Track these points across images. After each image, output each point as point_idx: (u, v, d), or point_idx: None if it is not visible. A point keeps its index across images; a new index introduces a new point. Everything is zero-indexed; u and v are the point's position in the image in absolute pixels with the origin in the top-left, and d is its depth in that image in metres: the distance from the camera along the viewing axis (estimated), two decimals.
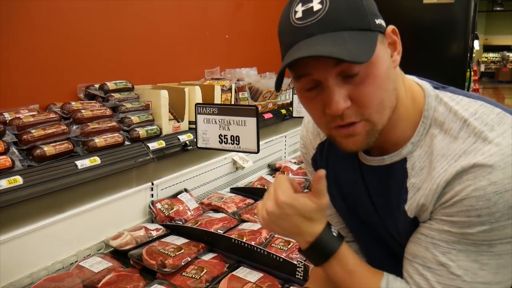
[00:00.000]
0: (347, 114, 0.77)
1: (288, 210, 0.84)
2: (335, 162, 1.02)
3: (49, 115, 1.55)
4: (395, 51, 0.82)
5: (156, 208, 1.91)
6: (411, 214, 0.85)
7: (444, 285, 0.78)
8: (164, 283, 1.42)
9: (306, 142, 1.11)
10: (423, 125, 0.84)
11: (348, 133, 0.79)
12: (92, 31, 1.89)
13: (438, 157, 0.80)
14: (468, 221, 0.74)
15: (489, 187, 0.72)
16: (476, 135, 0.76)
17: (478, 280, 0.75)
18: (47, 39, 1.70)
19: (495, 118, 0.77)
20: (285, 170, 2.64)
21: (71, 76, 1.82)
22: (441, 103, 0.84)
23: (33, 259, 1.47)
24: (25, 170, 1.37)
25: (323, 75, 0.75)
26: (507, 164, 0.71)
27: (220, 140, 1.71)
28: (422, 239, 0.82)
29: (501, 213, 0.72)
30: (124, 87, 1.93)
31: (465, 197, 0.74)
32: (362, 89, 0.75)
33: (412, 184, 0.84)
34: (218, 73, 2.65)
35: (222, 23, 2.82)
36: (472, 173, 0.73)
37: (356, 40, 0.72)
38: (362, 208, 0.98)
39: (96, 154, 1.58)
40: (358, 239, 1.07)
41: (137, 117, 1.83)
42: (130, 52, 2.10)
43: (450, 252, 0.77)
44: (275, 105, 2.83)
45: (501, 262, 0.75)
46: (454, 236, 0.77)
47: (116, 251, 1.64)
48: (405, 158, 0.86)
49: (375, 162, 0.90)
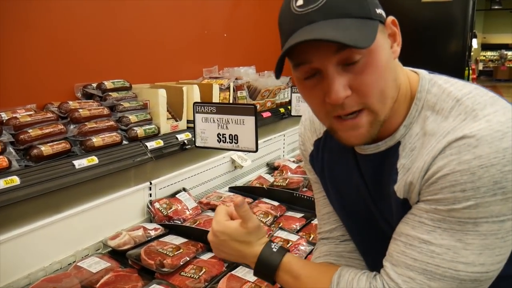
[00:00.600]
0: (348, 103, 0.76)
1: (222, 237, 0.97)
2: (331, 157, 1.02)
3: (46, 115, 1.54)
4: (395, 42, 0.82)
5: (155, 207, 1.90)
6: (400, 194, 0.83)
7: (422, 262, 0.76)
8: (162, 283, 1.41)
9: (304, 139, 1.11)
10: (415, 107, 0.83)
11: (351, 126, 0.79)
12: (89, 30, 1.88)
13: (429, 137, 0.79)
14: (453, 197, 0.72)
15: (474, 161, 0.70)
16: (467, 113, 0.75)
17: (459, 259, 0.73)
18: (44, 38, 1.69)
19: (488, 99, 0.76)
20: (283, 169, 2.64)
21: (69, 75, 1.81)
22: (434, 85, 0.84)
23: (31, 260, 1.47)
24: (22, 170, 1.36)
25: (323, 62, 0.75)
26: (495, 139, 0.69)
27: (218, 139, 1.71)
28: (410, 218, 0.80)
29: (486, 188, 0.69)
30: (121, 86, 1.92)
31: (449, 172, 0.72)
32: (363, 78, 0.75)
33: (402, 165, 0.83)
34: (216, 72, 2.64)
35: (220, 22, 2.81)
36: (457, 148, 0.72)
37: (358, 27, 0.72)
38: (360, 200, 0.97)
39: (94, 154, 1.57)
40: (355, 236, 1.06)
41: (135, 116, 1.82)
42: (127, 51, 2.09)
43: (435, 231, 0.75)
44: (274, 103, 2.82)
45: (487, 242, 0.72)
46: (440, 214, 0.75)
47: (114, 251, 1.63)
48: (399, 142, 0.85)
49: (371, 150, 0.89)
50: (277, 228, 1.84)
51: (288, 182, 2.35)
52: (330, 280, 0.87)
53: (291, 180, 2.38)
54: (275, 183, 2.39)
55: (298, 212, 2.05)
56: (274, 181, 2.42)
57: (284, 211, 2.07)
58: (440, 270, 0.74)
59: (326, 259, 1.07)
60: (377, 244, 0.94)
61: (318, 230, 1.17)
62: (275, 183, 2.38)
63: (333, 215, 1.10)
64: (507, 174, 0.69)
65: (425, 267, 0.75)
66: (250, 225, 0.96)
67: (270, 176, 2.58)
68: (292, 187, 2.30)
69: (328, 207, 1.10)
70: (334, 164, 1.01)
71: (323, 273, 0.91)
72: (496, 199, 0.70)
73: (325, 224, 1.13)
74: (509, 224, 0.73)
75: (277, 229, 1.82)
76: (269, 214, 1.97)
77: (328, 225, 1.12)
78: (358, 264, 1.05)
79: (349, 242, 1.08)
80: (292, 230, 1.84)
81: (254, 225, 0.96)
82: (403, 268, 0.78)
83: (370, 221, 0.98)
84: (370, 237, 1.01)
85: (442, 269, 0.74)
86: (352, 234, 1.07)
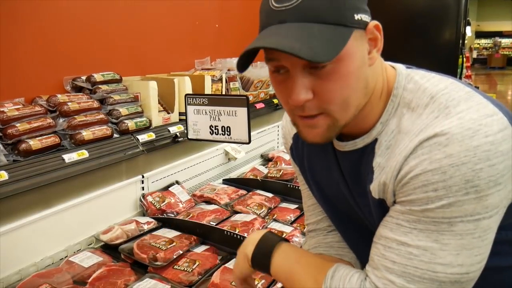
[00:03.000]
0: (308, 106, 0.75)
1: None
2: (310, 151, 1.01)
3: (34, 108, 1.51)
4: (375, 48, 0.79)
5: (147, 201, 1.88)
6: (375, 194, 0.83)
7: (400, 264, 0.75)
8: (155, 276, 1.40)
9: (285, 132, 1.11)
10: (391, 104, 0.82)
11: (309, 124, 0.78)
12: (78, 22, 1.84)
13: (403, 135, 0.78)
14: (426, 197, 0.71)
15: (445, 159, 0.68)
16: (440, 110, 0.74)
17: (437, 261, 0.72)
18: (32, 30, 1.66)
19: (463, 95, 0.75)
20: (277, 160, 2.62)
21: (57, 68, 1.78)
22: (411, 81, 0.82)
23: (22, 255, 1.45)
24: (10, 165, 1.34)
25: (290, 63, 0.74)
26: (465, 137, 0.68)
27: (211, 131, 1.69)
28: (388, 221, 0.79)
29: (458, 186, 0.68)
30: (112, 78, 1.89)
31: (421, 172, 0.71)
32: (327, 85, 0.74)
33: (378, 163, 0.83)
34: (208, 63, 2.61)
35: (212, 12, 2.77)
36: (428, 147, 0.71)
37: (324, 36, 0.69)
38: (341, 196, 0.96)
39: (84, 148, 1.55)
40: (339, 228, 1.05)
41: (125, 109, 1.80)
42: (117, 43, 2.06)
43: (411, 232, 0.74)
44: (267, 94, 2.80)
45: (463, 242, 0.71)
46: (415, 214, 0.74)
47: (107, 245, 1.62)
48: (376, 139, 0.84)
49: (349, 147, 0.88)
50: (271, 219, 1.83)
51: (282, 174, 2.34)
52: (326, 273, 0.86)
53: (285, 171, 2.36)
54: (269, 174, 2.38)
55: (292, 203, 2.04)
56: (268, 173, 2.41)
57: (278, 202, 2.06)
58: (418, 272, 0.73)
59: (316, 251, 1.07)
60: (362, 237, 0.93)
61: (306, 222, 1.17)
62: (269, 175, 2.37)
63: (318, 206, 1.09)
64: (479, 172, 0.68)
65: (404, 269, 0.74)
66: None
67: (264, 167, 2.57)
68: (286, 178, 2.29)
69: (313, 199, 1.09)
70: (314, 158, 1.01)
71: (319, 266, 0.89)
72: (469, 197, 0.69)
73: (311, 215, 1.13)
74: (485, 223, 0.71)
75: (271, 220, 1.81)
76: (263, 206, 1.96)
77: (314, 216, 1.12)
78: (348, 252, 1.04)
79: (337, 232, 1.07)
80: (287, 221, 1.83)
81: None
82: (383, 271, 0.77)
83: (352, 215, 0.97)
84: (354, 231, 1.00)
85: (421, 271, 0.73)
86: (336, 227, 1.06)
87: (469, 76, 7.11)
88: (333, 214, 1.04)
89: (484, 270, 0.75)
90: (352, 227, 1.00)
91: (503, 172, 0.69)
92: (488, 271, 0.76)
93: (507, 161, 0.69)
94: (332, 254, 1.04)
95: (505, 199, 0.73)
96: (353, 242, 1.03)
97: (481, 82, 15.61)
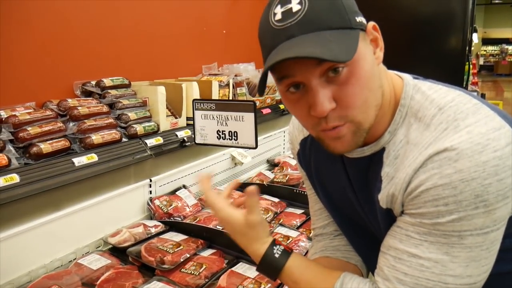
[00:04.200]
0: (332, 117, 0.75)
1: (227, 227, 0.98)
2: (318, 157, 1.02)
3: (45, 113, 1.54)
4: (378, 47, 0.81)
5: (155, 204, 1.90)
6: (383, 204, 0.83)
7: (412, 276, 0.76)
8: (163, 279, 1.41)
9: (292, 138, 1.12)
10: (399, 113, 0.83)
11: (335, 136, 0.78)
12: (88, 28, 1.88)
13: (412, 146, 0.78)
14: (436, 211, 0.72)
15: (455, 175, 0.70)
16: (449, 122, 0.74)
17: (447, 272, 0.74)
18: (43, 35, 1.69)
19: (471, 108, 0.76)
20: (284, 165, 2.63)
21: (68, 73, 1.81)
22: (418, 91, 0.83)
23: (31, 257, 1.47)
24: (21, 168, 1.36)
25: (306, 76, 0.74)
26: (475, 153, 0.69)
27: (218, 136, 1.70)
28: (397, 232, 0.80)
29: (468, 201, 0.69)
30: (121, 83, 1.91)
31: (431, 187, 0.72)
32: (346, 89, 0.74)
33: (386, 173, 0.83)
34: (215, 68, 2.64)
35: (219, 18, 2.80)
36: (438, 162, 0.72)
37: (338, 39, 0.70)
38: (347, 202, 0.97)
39: (93, 151, 1.57)
40: (345, 233, 1.06)
41: (134, 113, 1.82)
42: (126, 49, 2.08)
43: (422, 244, 0.75)
44: (274, 100, 2.82)
45: (472, 255, 0.73)
46: (425, 227, 0.75)
47: (115, 248, 1.63)
48: (383, 148, 0.85)
49: (357, 154, 0.89)
50: (278, 224, 1.84)
51: (288, 179, 2.35)
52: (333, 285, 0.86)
53: (291, 176, 2.37)
54: (275, 179, 2.39)
55: (298, 208, 2.05)
56: (274, 178, 2.42)
57: (284, 207, 2.07)
58: (430, 283, 0.75)
59: (323, 254, 1.07)
60: (368, 242, 0.94)
61: (312, 226, 1.17)
62: (275, 180, 2.38)
63: (325, 211, 1.10)
64: (488, 187, 0.69)
65: (416, 281, 0.76)
66: (253, 218, 0.92)
67: (271, 172, 2.58)
68: (292, 183, 2.30)
69: (320, 203, 1.10)
70: (322, 164, 1.01)
71: (324, 280, 0.89)
72: (479, 212, 0.70)
73: (318, 220, 1.14)
74: (493, 235, 0.73)
75: (277, 225, 1.82)
76: (270, 211, 1.97)
77: (320, 220, 1.13)
78: (354, 255, 1.05)
79: (343, 236, 1.08)
80: (293, 226, 1.84)
81: (257, 219, 0.92)
82: (395, 283, 0.78)
83: (358, 221, 0.98)
84: (360, 236, 1.01)
85: (433, 283, 0.75)
86: (342, 232, 1.07)
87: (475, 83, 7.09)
88: (339, 219, 1.05)
89: (487, 276, 0.77)
90: (358, 232, 1.01)
91: (511, 185, 0.70)
92: (490, 277, 0.77)
93: None
94: (339, 257, 1.05)
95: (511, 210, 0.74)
96: (359, 247, 1.04)
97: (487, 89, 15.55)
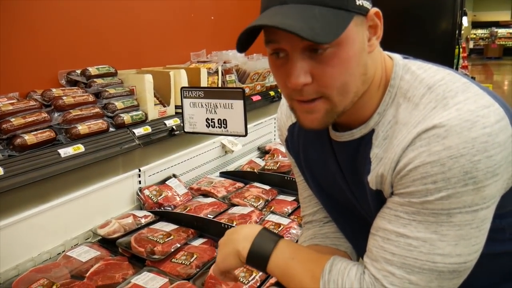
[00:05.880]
0: (307, 90, 0.75)
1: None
2: (306, 143, 1.01)
3: (29, 103, 1.50)
4: (375, 35, 0.79)
5: (144, 194, 1.88)
6: (372, 186, 0.83)
7: (400, 256, 0.75)
8: (153, 270, 1.40)
9: (280, 124, 1.11)
10: (388, 94, 0.82)
11: (307, 109, 0.78)
12: (72, 15, 1.83)
13: (400, 126, 0.78)
14: (425, 189, 0.71)
15: (443, 151, 0.69)
16: (438, 101, 0.74)
17: (436, 251, 0.73)
18: (26, 24, 1.64)
19: (460, 86, 0.75)
20: (274, 152, 2.62)
21: (52, 62, 1.77)
22: (408, 71, 0.82)
23: (19, 250, 1.45)
24: (5, 160, 1.33)
25: (289, 45, 0.73)
26: (464, 129, 0.68)
27: (207, 124, 1.68)
28: (386, 212, 0.79)
29: (457, 178, 0.69)
30: (107, 72, 1.88)
31: (419, 164, 0.71)
32: (326, 69, 0.73)
33: (375, 154, 0.82)
34: (204, 55, 2.60)
35: (207, 4, 2.75)
36: (426, 139, 0.71)
37: (325, 18, 0.69)
38: (337, 188, 0.96)
39: (80, 142, 1.55)
40: (335, 219, 1.05)
41: (121, 102, 1.79)
42: (112, 36, 2.04)
43: (410, 224, 0.75)
44: (264, 87, 2.79)
45: (462, 233, 0.72)
46: (414, 206, 0.74)
47: (104, 239, 1.62)
48: (373, 129, 0.84)
49: (345, 138, 0.88)
50: (269, 212, 1.83)
51: (279, 166, 2.34)
52: (322, 267, 0.86)
53: (282, 163, 2.36)
54: (266, 167, 2.38)
55: (289, 196, 2.04)
56: (265, 165, 2.41)
57: (276, 194, 2.06)
58: (418, 263, 0.74)
59: (312, 242, 1.06)
60: (358, 228, 0.93)
61: (302, 214, 1.17)
62: (266, 167, 2.37)
63: (314, 198, 1.10)
64: (477, 164, 0.68)
65: (404, 261, 0.75)
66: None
67: (261, 160, 2.57)
68: (283, 170, 2.29)
69: (309, 190, 1.09)
70: (310, 150, 1.00)
71: (315, 261, 0.89)
72: (468, 189, 0.69)
73: (307, 207, 1.13)
74: (482, 214, 0.72)
75: (268, 213, 1.81)
76: (261, 198, 1.96)
77: (310, 208, 1.12)
78: (344, 242, 1.05)
79: (333, 223, 1.07)
80: (284, 213, 1.83)
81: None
82: (383, 263, 0.77)
83: (349, 207, 0.97)
84: (350, 221, 1.00)
85: (420, 262, 0.74)
86: (332, 218, 1.06)
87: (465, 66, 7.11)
88: (329, 205, 1.04)
89: (479, 257, 0.76)
90: (349, 218, 1.00)
91: (500, 162, 0.69)
92: (482, 258, 0.77)
93: (504, 151, 0.69)
94: (328, 244, 1.04)
95: (501, 188, 0.73)
96: (349, 233, 1.03)
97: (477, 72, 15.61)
